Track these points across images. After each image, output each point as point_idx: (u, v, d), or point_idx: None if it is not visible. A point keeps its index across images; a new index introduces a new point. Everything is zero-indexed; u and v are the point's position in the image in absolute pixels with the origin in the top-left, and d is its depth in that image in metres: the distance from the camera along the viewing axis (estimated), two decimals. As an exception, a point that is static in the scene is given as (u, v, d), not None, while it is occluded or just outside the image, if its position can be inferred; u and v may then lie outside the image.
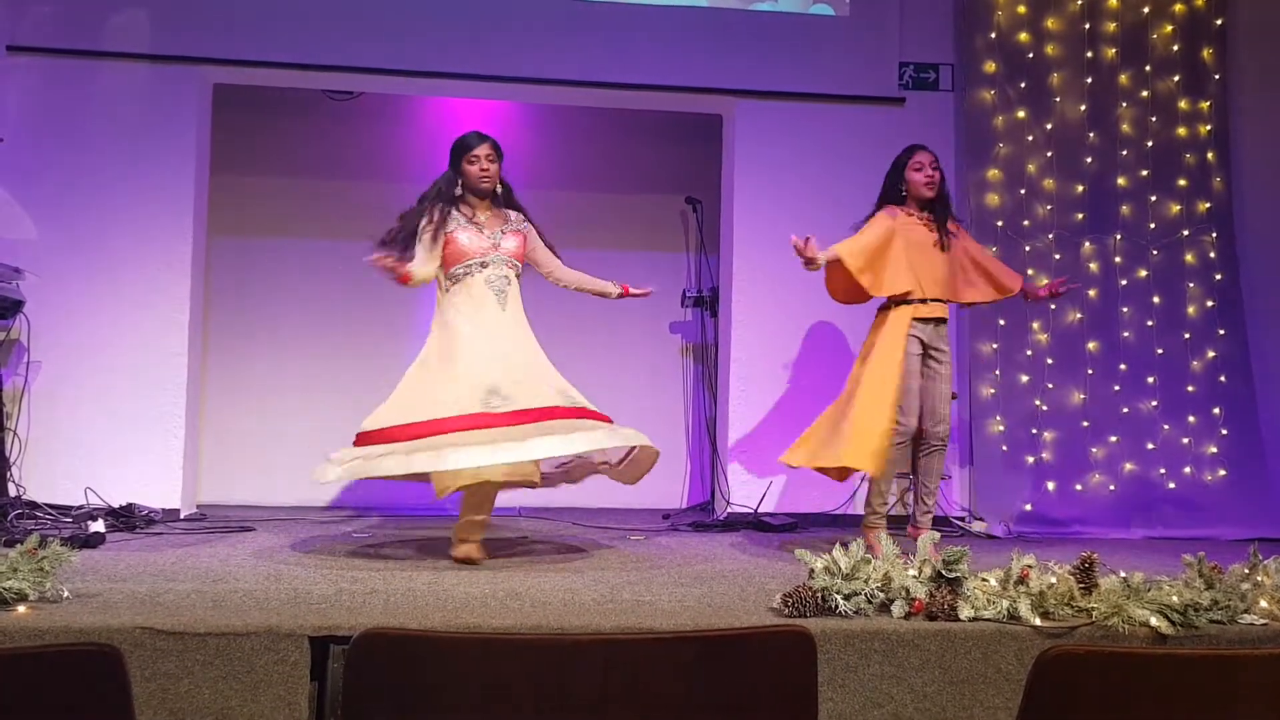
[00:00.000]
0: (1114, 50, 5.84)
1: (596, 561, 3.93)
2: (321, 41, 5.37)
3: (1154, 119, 5.82)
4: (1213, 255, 5.76)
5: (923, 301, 4.24)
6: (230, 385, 5.99)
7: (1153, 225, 5.76)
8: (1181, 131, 5.83)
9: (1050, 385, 5.59)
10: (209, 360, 5.88)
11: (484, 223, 4.00)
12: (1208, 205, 5.79)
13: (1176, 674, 1.66)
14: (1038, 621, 2.70)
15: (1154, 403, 5.62)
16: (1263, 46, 5.91)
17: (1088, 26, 5.83)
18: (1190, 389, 5.64)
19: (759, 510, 5.37)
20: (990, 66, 5.77)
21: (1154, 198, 5.77)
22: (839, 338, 5.54)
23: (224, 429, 5.95)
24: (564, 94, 5.71)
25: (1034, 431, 5.55)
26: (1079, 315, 5.67)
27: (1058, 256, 5.68)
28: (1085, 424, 5.56)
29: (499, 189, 4.05)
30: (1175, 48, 5.86)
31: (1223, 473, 5.54)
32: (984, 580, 2.82)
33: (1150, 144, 5.80)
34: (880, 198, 4.39)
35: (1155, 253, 5.74)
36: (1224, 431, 5.61)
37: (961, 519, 5.51)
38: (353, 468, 3.69)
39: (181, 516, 5.06)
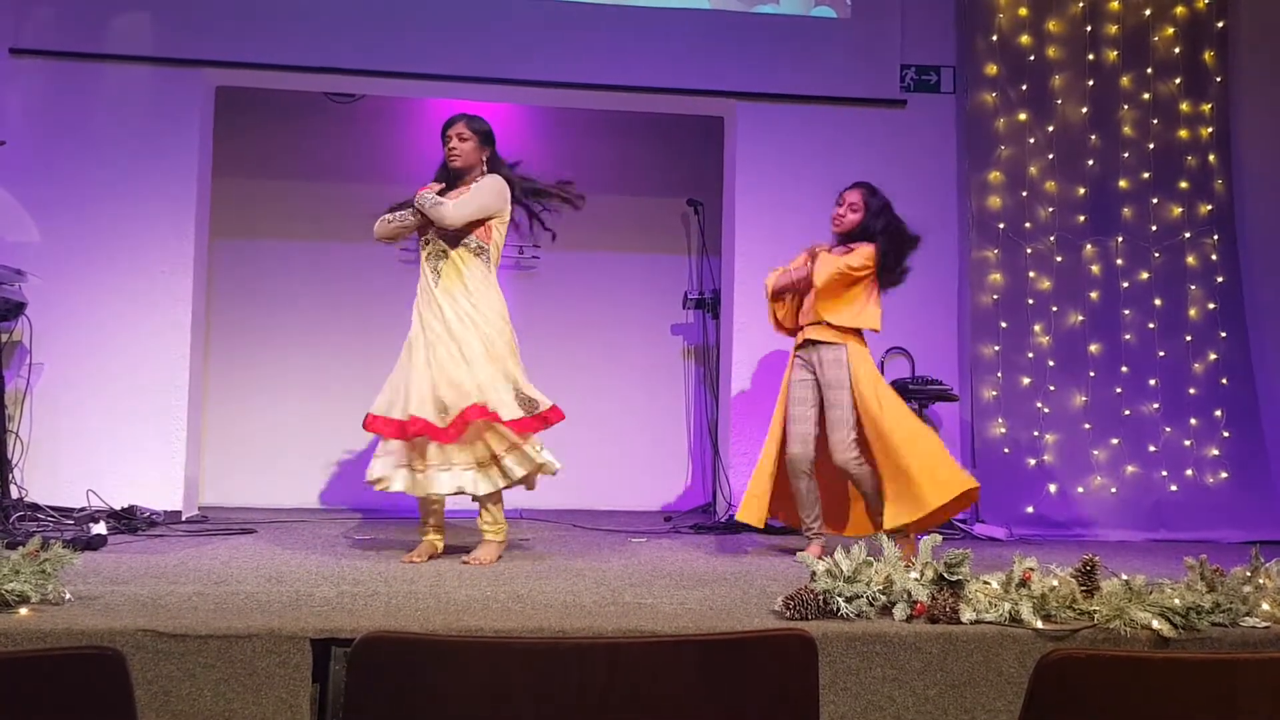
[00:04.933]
0: (1115, 53, 5.84)
1: (598, 564, 3.92)
2: (323, 44, 5.37)
3: (1155, 121, 5.83)
4: (1214, 257, 5.76)
5: (796, 330, 4.36)
6: (232, 387, 6.00)
7: (1154, 227, 5.76)
8: (1183, 134, 5.83)
9: (1052, 387, 5.59)
10: (210, 362, 5.88)
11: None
12: (1209, 207, 5.79)
13: (1178, 677, 1.66)
14: (1040, 624, 2.70)
15: (1155, 405, 5.62)
16: (1264, 49, 5.92)
17: (1089, 29, 5.83)
18: (1192, 391, 5.64)
19: (760, 512, 5.36)
20: (992, 69, 5.77)
21: (1155, 200, 5.77)
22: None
23: (226, 431, 5.96)
24: (565, 96, 5.72)
25: (1036, 434, 5.54)
26: (1080, 318, 5.67)
27: (1059, 259, 5.69)
28: (1087, 426, 5.56)
29: (484, 168, 4.01)
30: (1177, 50, 5.87)
31: (1224, 475, 5.54)
32: (986, 583, 2.81)
33: (1152, 146, 5.80)
34: None
35: (1157, 255, 5.74)
36: (1226, 434, 5.60)
37: (963, 521, 5.50)
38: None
39: (183, 519, 5.05)
